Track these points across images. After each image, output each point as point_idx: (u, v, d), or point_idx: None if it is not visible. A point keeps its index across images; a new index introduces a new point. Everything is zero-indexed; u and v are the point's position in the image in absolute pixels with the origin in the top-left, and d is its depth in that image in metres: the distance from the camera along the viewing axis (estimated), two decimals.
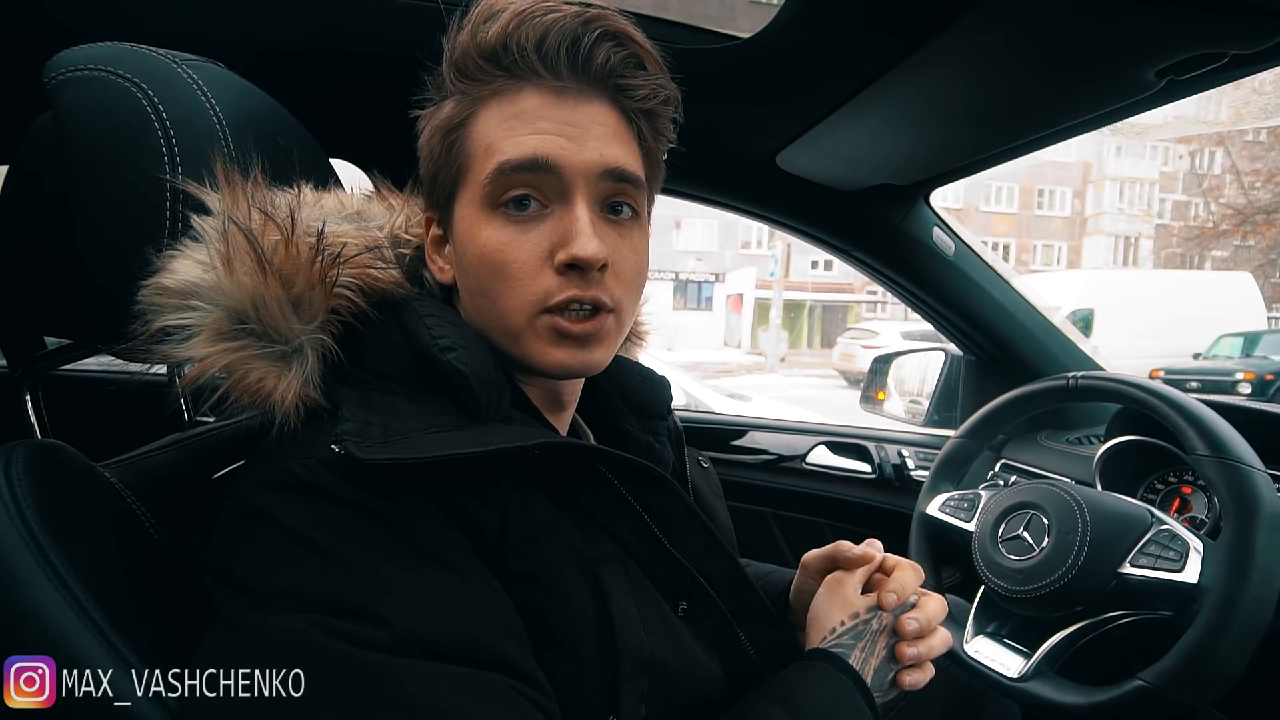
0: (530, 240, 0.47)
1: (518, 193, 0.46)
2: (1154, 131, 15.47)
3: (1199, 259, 18.51)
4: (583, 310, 0.48)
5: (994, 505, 0.86)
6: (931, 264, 1.16)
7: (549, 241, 0.47)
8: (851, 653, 0.54)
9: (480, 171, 0.47)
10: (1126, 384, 0.86)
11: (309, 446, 0.41)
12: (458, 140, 0.49)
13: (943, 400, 1.37)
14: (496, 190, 0.47)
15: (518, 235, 0.47)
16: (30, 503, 0.42)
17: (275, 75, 0.64)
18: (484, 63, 0.47)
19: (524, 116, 0.46)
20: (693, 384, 3.02)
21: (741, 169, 1.07)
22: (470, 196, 0.48)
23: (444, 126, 0.49)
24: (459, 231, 0.50)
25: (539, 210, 0.47)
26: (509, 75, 0.47)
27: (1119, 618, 0.75)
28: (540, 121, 0.46)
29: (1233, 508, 0.71)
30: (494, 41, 0.46)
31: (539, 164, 0.46)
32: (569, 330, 0.47)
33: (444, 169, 0.50)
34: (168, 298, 0.43)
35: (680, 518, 0.51)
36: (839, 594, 0.58)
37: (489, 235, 0.47)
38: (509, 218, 0.47)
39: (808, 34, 0.73)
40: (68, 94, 0.46)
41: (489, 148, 0.47)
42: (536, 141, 0.46)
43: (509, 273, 0.47)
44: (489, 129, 0.47)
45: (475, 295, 0.50)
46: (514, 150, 0.46)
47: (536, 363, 0.49)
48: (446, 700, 0.36)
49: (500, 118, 0.47)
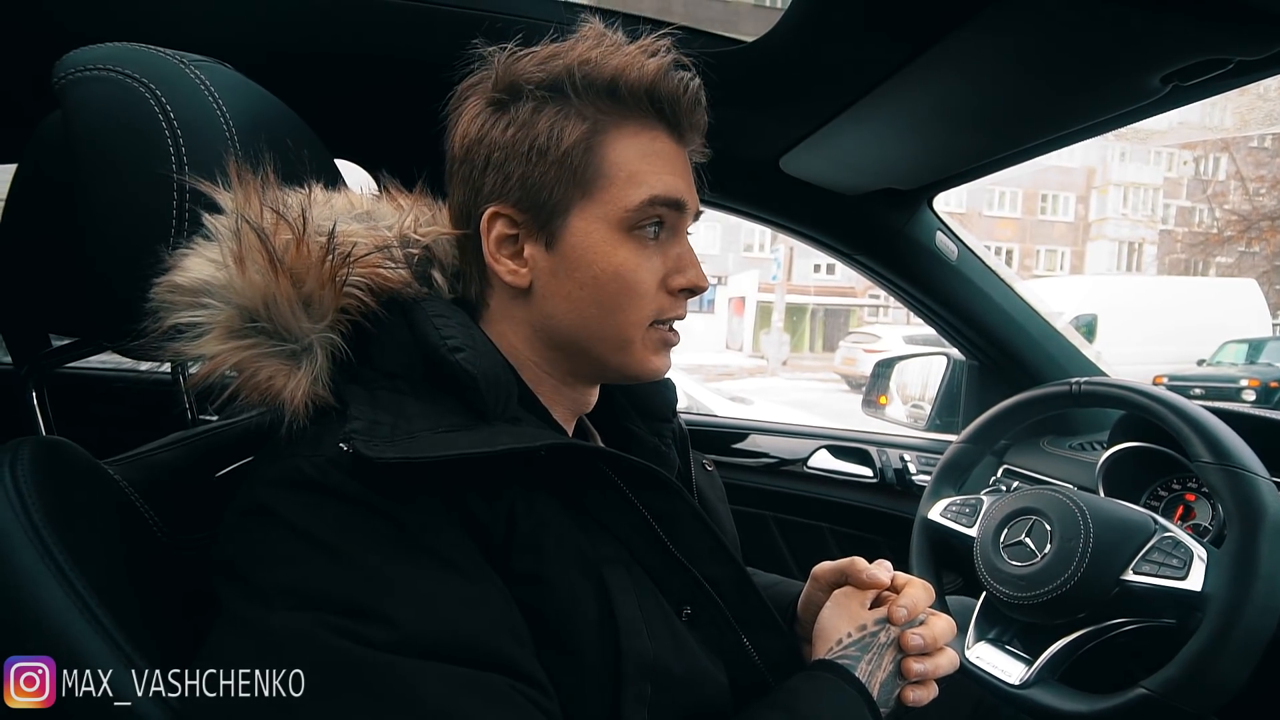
0: (652, 264, 0.52)
1: (650, 222, 0.52)
2: (1158, 137, 15.43)
3: (1203, 265, 18.45)
4: (674, 326, 0.56)
5: (996, 511, 0.86)
6: (934, 268, 1.16)
7: (664, 267, 0.53)
8: (858, 665, 0.53)
9: (623, 197, 0.50)
10: (1130, 390, 0.85)
11: (317, 445, 0.42)
12: (584, 156, 0.50)
13: (945, 405, 1.37)
14: (638, 217, 0.51)
15: (647, 259, 0.52)
16: (35, 499, 0.42)
17: (282, 76, 0.64)
18: (644, 95, 0.50)
19: (662, 156, 0.52)
20: (694, 386, 3.02)
21: (745, 172, 1.07)
22: (600, 214, 0.51)
23: (580, 140, 0.50)
24: (577, 244, 0.51)
25: (659, 238, 0.53)
26: (655, 114, 0.52)
27: (1122, 625, 0.74)
28: (673, 164, 0.53)
29: (1237, 515, 0.70)
30: (654, 79, 0.50)
31: (677, 203, 0.52)
32: (671, 341, 0.56)
33: (563, 180, 0.50)
34: (180, 295, 0.43)
35: (685, 521, 0.51)
36: (846, 607, 0.58)
37: (625, 255, 0.51)
38: (641, 242, 0.52)
39: (812, 38, 0.73)
40: (76, 94, 0.46)
41: (633, 176, 0.51)
42: (673, 182, 0.52)
43: (637, 290, 0.52)
44: (629, 158, 0.51)
45: (585, 305, 0.52)
46: (662, 187, 0.51)
47: (639, 369, 0.54)
48: (449, 700, 0.36)
49: (639, 151, 0.51)
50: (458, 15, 0.77)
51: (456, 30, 0.50)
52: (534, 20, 0.50)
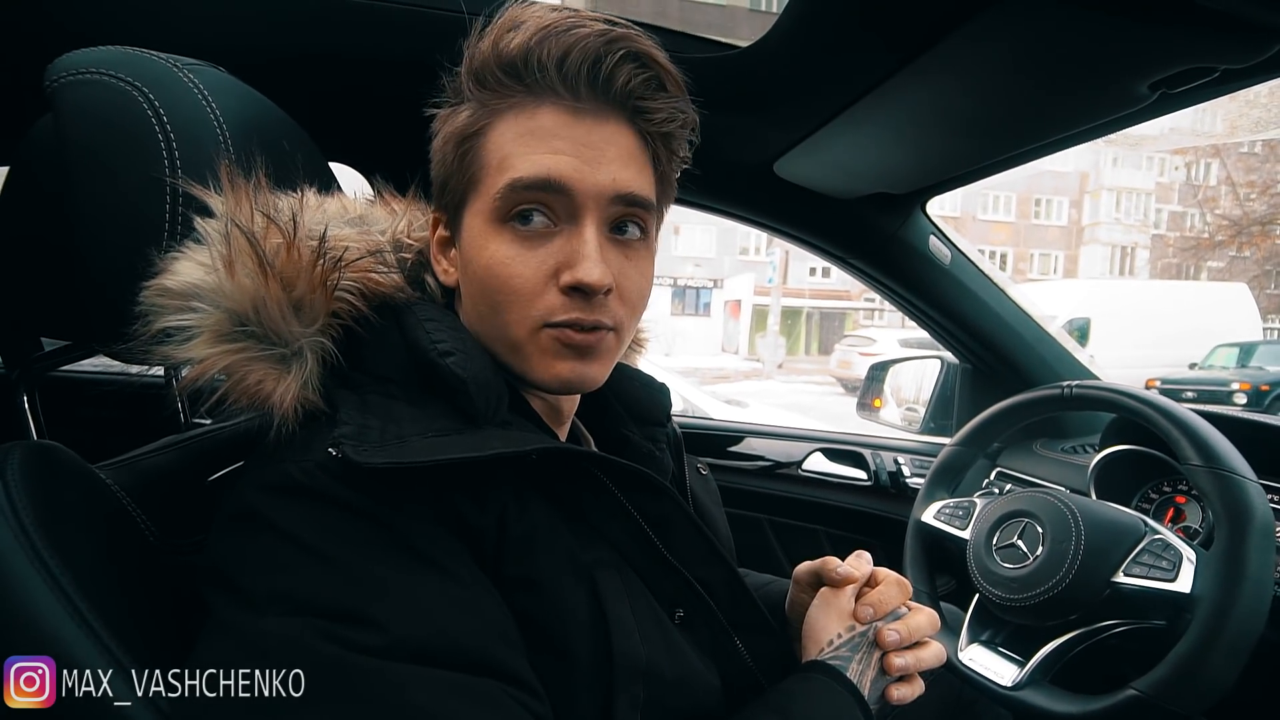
0: (536, 257, 0.47)
1: (527, 209, 0.46)
2: (1150, 143, 15.54)
3: (1195, 269, 18.60)
4: (584, 327, 0.48)
5: (989, 513, 0.87)
6: (928, 272, 1.17)
7: (555, 260, 0.47)
8: (849, 665, 0.54)
9: (492, 185, 0.47)
10: (1121, 394, 0.86)
11: (306, 450, 0.41)
12: (471, 149, 0.48)
13: (939, 408, 1.38)
14: (506, 205, 0.46)
15: (524, 251, 0.47)
16: (26, 504, 0.42)
17: (276, 79, 0.64)
18: (503, 75, 0.46)
19: (540, 134, 0.46)
20: (690, 390, 3.02)
21: (739, 176, 1.08)
22: (480, 207, 0.48)
23: (458, 134, 0.49)
24: (466, 241, 0.50)
25: (547, 228, 0.47)
26: (528, 90, 0.46)
27: (1112, 627, 0.75)
28: (556, 140, 0.46)
29: (1225, 518, 0.71)
30: (515, 55, 0.45)
31: (551, 184, 0.46)
32: (572, 340, 0.48)
33: (455, 176, 0.50)
34: (169, 299, 0.43)
35: (678, 525, 0.51)
36: (834, 605, 0.58)
37: (495, 249, 0.47)
38: (516, 233, 0.47)
39: (806, 43, 0.73)
40: (68, 97, 0.46)
41: (503, 162, 0.47)
42: (550, 161, 0.45)
43: (513, 288, 0.47)
44: (504, 142, 0.47)
45: (478, 304, 0.50)
46: (527, 168, 0.45)
47: (537, 376, 0.50)
48: (439, 705, 0.36)
49: (516, 132, 0.46)
50: (453, 19, 0.77)
51: (452, 34, 0.50)
52: None
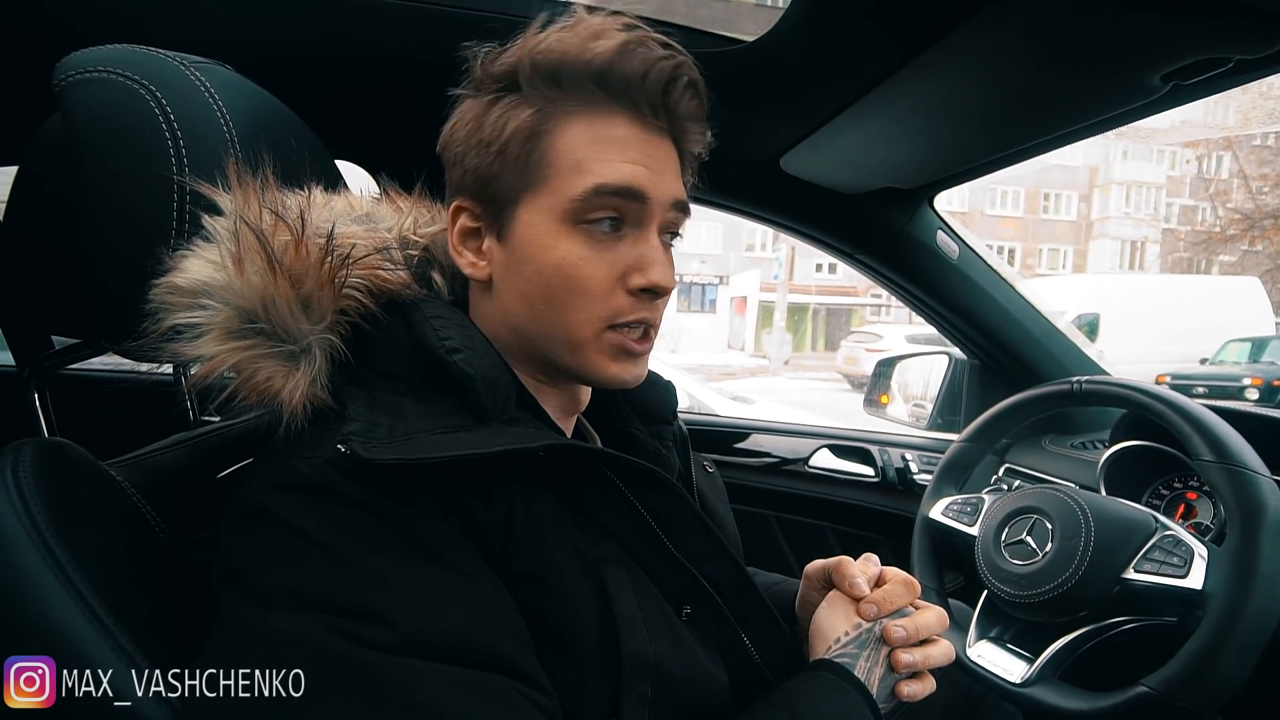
0: (606, 260, 0.49)
1: (603, 215, 0.48)
2: (1161, 136, 15.39)
3: (1206, 264, 18.40)
4: (642, 329, 0.51)
5: (997, 510, 0.86)
6: (936, 268, 1.16)
7: (624, 264, 0.49)
8: (856, 663, 0.53)
9: (567, 187, 0.48)
10: (1132, 389, 0.85)
11: (315, 446, 0.42)
12: (535, 147, 0.48)
13: (946, 404, 1.37)
14: (585, 208, 0.48)
15: (596, 254, 0.49)
16: (37, 501, 0.42)
17: (282, 77, 0.64)
18: (589, 80, 0.47)
19: (617, 143, 0.48)
20: (696, 386, 3.02)
21: (746, 172, 1.07)
22: (547, 206, 0.48)
23: (523, 130, 0.48)
24: (524, 237, 0.49)
25: (614, 233, 0.49)
26: (609, 99, 0.48)
27: (1123, 623, 0.74)
28: (631, 151, 0.48)
29: (1238, 514, 0.70)
30: (604, 62, 0.47)
31: (632, 192, 0.48)
32: (633, 349, 0.51)
33: (512, 171, 0.49)
34: (179, 296, 0.43)
35: (685, 521, 0.51)
36: (841, 606, 0.57)
37: (568, 249, 0.48)
38: (590, 235, 0.48)
39: (812, 37, 0.73)
40: (76, 96, 0.47)
41: (579, 165, 0.48)
42: (630, 170, 0.48)
43: (586, 288, 0.48)
44: (577, 146, 0.48)
45: (535, 301, 0.50)
46: (610, 175, 0.47)
47: (594, 373, 0.51)
48: (449, 701, 0.36)
49: (590, 138, 0.48)
50: (457, 15, 0.77)
51: (456, 31, 0.50)
52: (532, 19, 0.50)
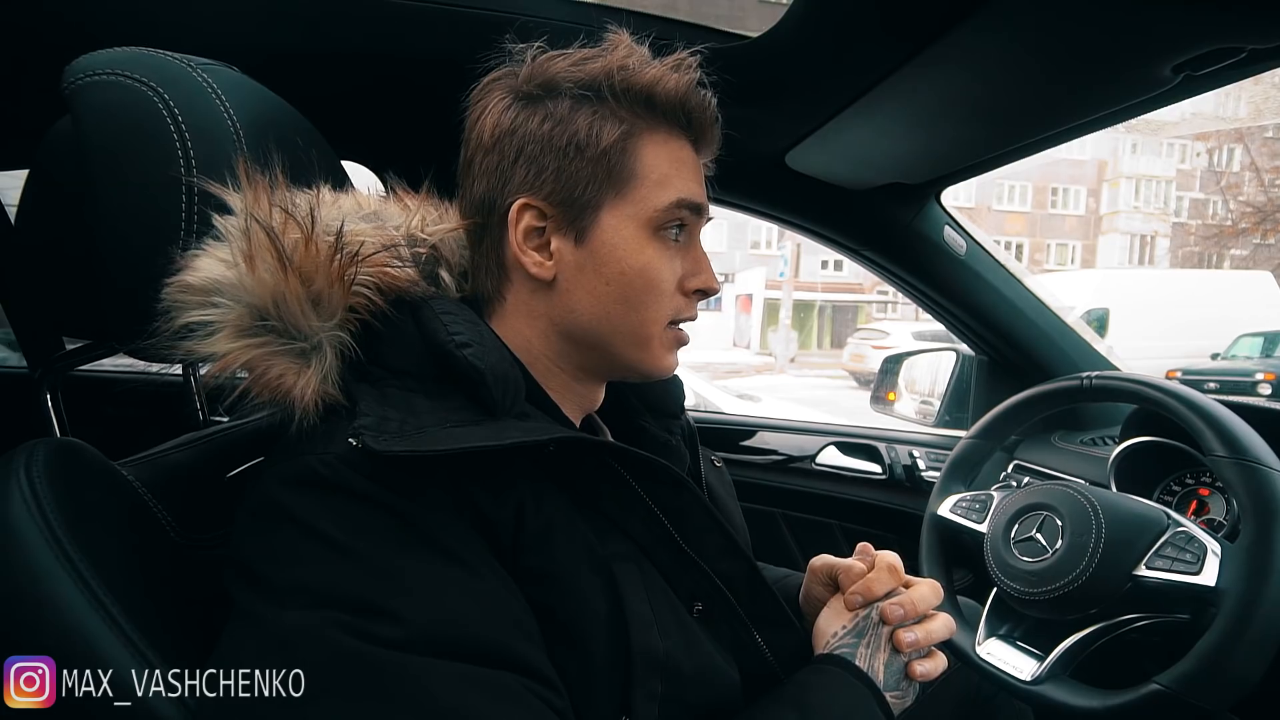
0: (674, 264, 0.54)
1: (674, 224, 0.53)
2: (1171, 128, 15.21)
3: (1217, 258, 18.20)
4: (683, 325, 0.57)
5: (1006, 506, 0.85)
6: (943, 263, 1.15)
7: (684, 268, 0.55)
8: (856, 652, 0.53)
9: (653, 197, 0.52)
10: (1142, 384, 0.84)
11: (327, 443, 0.42)
12: (625, 159, 0.51)
13: (954, 401, 1.36)
14: (665, 218, 0.52)
15: (670, 259, 0.54)
16: (50, 500, 0.43)
17: (287, 77, 0.64)
18: (676, 107, 0.52)
19: (686, 163, 0.54)
20: (702, 384, 3.01)
21: (751, 169, 1.07)
22: (631, 213, 0.52)
23: (616, 139, 0.51)
24: (607, 240, 0.52)
25: (677, 240, 0.54)
26: (677, 125, 0.54)
27: (1134, 620, 0.74)
28: (694, 171, 0.55)
29: (1252, 510, 0.70)
30: (684, 93, 0.52)
31: (698, 207, 0.54)
32: (684, 341, 0.58)
33: (594, 177, 0.51)
34: (191, 295, 0.44)
35: (696, 517, 0.51)
36: (836, 608, 0.58)
37: (653, 254, 0.52)
38: (665, 243, 0.53)
39: (817, 32, 0.73)
40: (85, 98, 0.47)
41: (663, 179, 0.52)
42: (696, 188, 0.54)
43: (660, 289, 0.53)
44: (659, 162, 0.52)
45: (609, 301, 0.52)
46: (689, 192, 0.53)
47: (654, 365, 0.56)
48: (459, 698, 0.37)
49: (667, 156, 0.53)
50: (461, 14, 0.77)
51: (461, 30, 0.51)
52: (541, 19, 0.50)
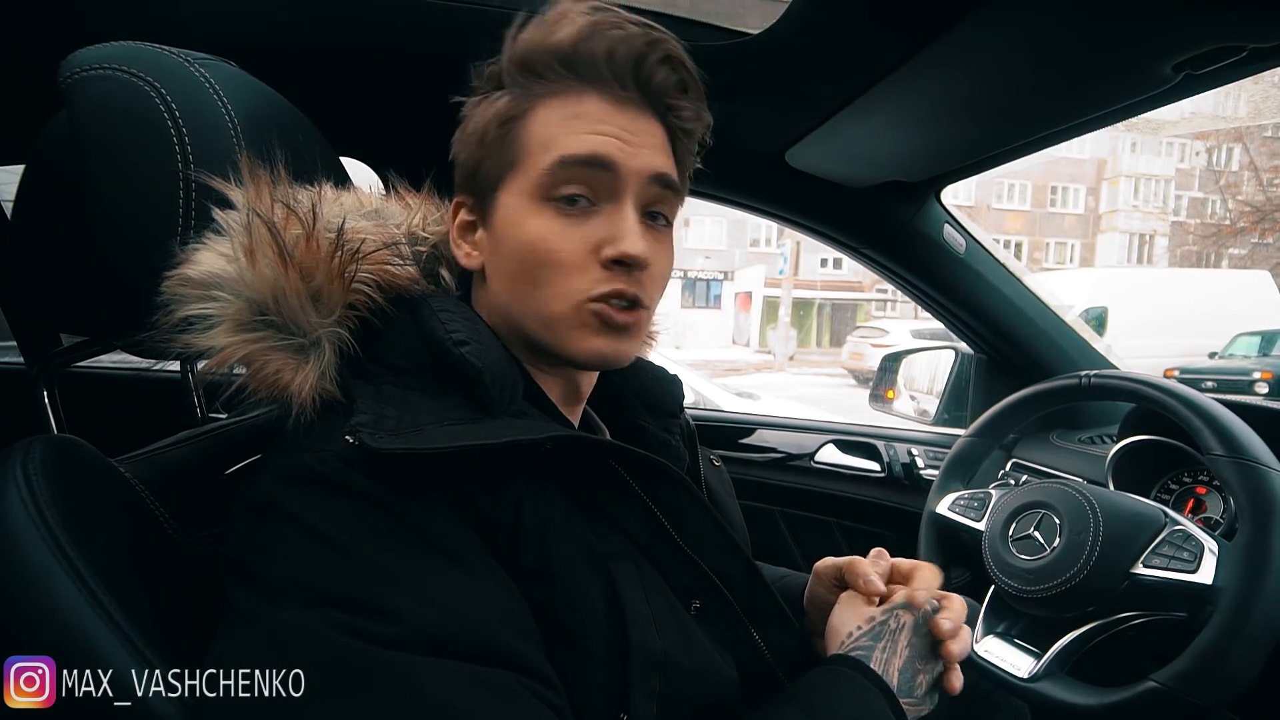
0: (579, 234, 0.48)
1: (572, 189, 0.48)
2: (1170, 127, 15.21)
3: (1216, 257, 18.22)
4: (624, 302, 0.49)
5: (1005, 504, 0.86)
6: (942, 262, 1.15)
7: (597, 236, 0.49)
8: (871, 654, 0.53)
9: (536, 164, 0.48)
10: (1140, 383, 0.84)
11: (324, 440, 0.42)
12: (512, 132, 0.49)
13: (953, 399, 1.36)
14: (553, 183, 0.48)
15: (568, 228, 0.48)
16: (47, 497, 0.43)
17: (287, 74, 0.64)
18: (556, 63, 0.48)
19: (586, 117, 0.48)
20: (701, 382, 3.01)
21: (751, 166, 1.07)
22: (521, 187, 0.49)
23: (499, 117, 0.50)
24: (502, 219, 0.50)
25: (588, 207, 0.49)
26: (576, 78, 0.49)
27: (1131, 618, 0.74)
28: (601, 124, 0.48)
29: (1249, 508, 0.70)
30: (568, 45, 0.48)
31: (598, 161, 0.48)
32: (614, 319, 0.49)
33: (492, 158, 0.50)
34: (191, 288, 0.44)
35: (693, 515, 0.51)
36: (853, 602, 0.57)
37: (538, 225, 0.49)
38: (560, 211, 0.49)
39: (818, 30, 0.72)
40: (82, 93, 0.47)
41: (548, 142, 0.48)
42: (597, 141, 0.48)
43: (556, 261, 0.48)
44: (548, 125, 0.49)
45: (514, 281, 0.50)
46: (576, 146, 0.48)
47: (574, 350, 0.50)
48: (455, 696, 0.36)
49: (561, 115, 0.49)
50: (463, 10, 0.76)
51: (461, 26, 0.50)
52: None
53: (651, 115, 0.51)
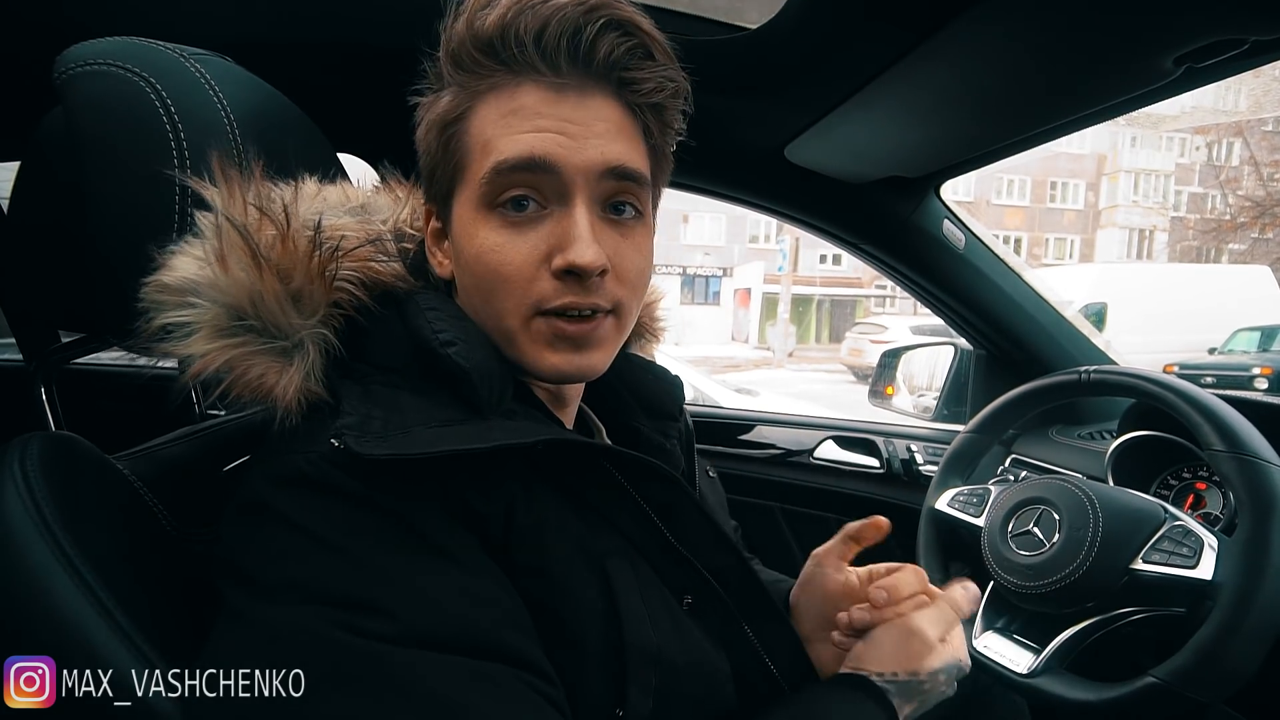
0: (528, 242, 0.45)
1: (515, 193, 0.45)
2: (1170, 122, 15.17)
3: (1216, 252, 18.20)
4: (580, 313, 0.47)
5: (1004, 500, 0.86)
6: (942, 257, 1.15)
7: (546, 244, 0.45)
8: (893, 699, 0.51)
9: (477, 170, 0.46)
10: (1140, 378, 0.84)
11: (312, 441, 0.41)
12: (455, 135, 0.47)
13: (952, 395, 1.36)
14: (493, 190, 0.45)
15: (514, 237, 0.46)
16: (45, 493, 0.43)
17: (282, 69, 0.64)
18: (480, 55, 0.45)
19: (522, 113, 0.44)
20: (700, 379, 3.01)
21: (750, 162, 1.06)
22: (468, 195, 0.47)
23: (440, 120, 0.47)
24: (456, 230, 0.49)
25: (537, 211, 0.46)
26: (507, 69, 0.45)
27: (1131, 614, 0.74)
28: (539, 119, 0.44)
29: (1249, 504, 0.70)
30: (491, 33, 0.44)
31: (536, 163, 0.44)
32: (565, 331, 0.47)
33: (441, 165, 0.48)
34: (168, 295, 0.43)
35: (686, 513, 0.51)
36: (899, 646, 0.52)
37: (485, 236, 0.46)
38: (505, 219, 0.46)
39: (816, 24, 0.72)
40: (77, 89, 0.46)
41: (486, 145, 0.45)
42: (534, 140, 0.44)
43: (504, 275, 0.46)
44: (486, 125, 0.45)
45: (472, 294, 0.49)
46: (510, 149, 0.44)
47: (532, 365, 0.48)
48: (453, 691, 0.37)
49: (498, 114, 0.45)
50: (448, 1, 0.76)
51: None
52: None
53: (602, 95, 0.45)
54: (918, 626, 0.53)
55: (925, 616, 0.54)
